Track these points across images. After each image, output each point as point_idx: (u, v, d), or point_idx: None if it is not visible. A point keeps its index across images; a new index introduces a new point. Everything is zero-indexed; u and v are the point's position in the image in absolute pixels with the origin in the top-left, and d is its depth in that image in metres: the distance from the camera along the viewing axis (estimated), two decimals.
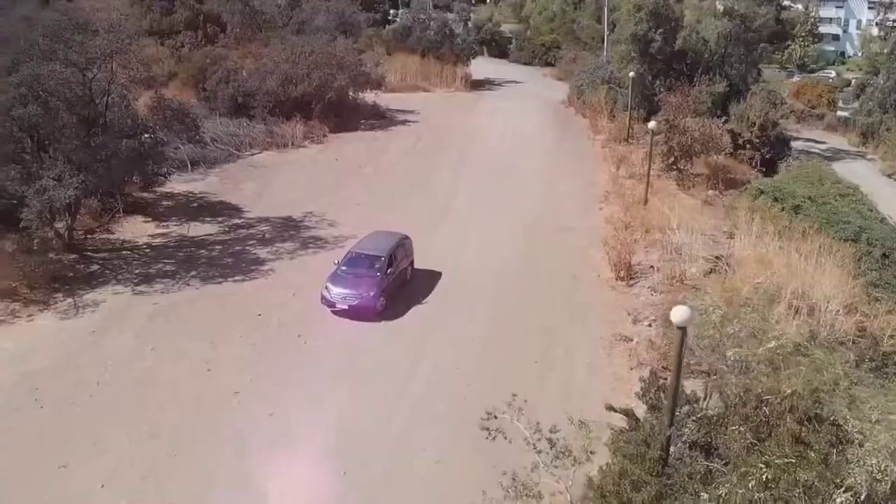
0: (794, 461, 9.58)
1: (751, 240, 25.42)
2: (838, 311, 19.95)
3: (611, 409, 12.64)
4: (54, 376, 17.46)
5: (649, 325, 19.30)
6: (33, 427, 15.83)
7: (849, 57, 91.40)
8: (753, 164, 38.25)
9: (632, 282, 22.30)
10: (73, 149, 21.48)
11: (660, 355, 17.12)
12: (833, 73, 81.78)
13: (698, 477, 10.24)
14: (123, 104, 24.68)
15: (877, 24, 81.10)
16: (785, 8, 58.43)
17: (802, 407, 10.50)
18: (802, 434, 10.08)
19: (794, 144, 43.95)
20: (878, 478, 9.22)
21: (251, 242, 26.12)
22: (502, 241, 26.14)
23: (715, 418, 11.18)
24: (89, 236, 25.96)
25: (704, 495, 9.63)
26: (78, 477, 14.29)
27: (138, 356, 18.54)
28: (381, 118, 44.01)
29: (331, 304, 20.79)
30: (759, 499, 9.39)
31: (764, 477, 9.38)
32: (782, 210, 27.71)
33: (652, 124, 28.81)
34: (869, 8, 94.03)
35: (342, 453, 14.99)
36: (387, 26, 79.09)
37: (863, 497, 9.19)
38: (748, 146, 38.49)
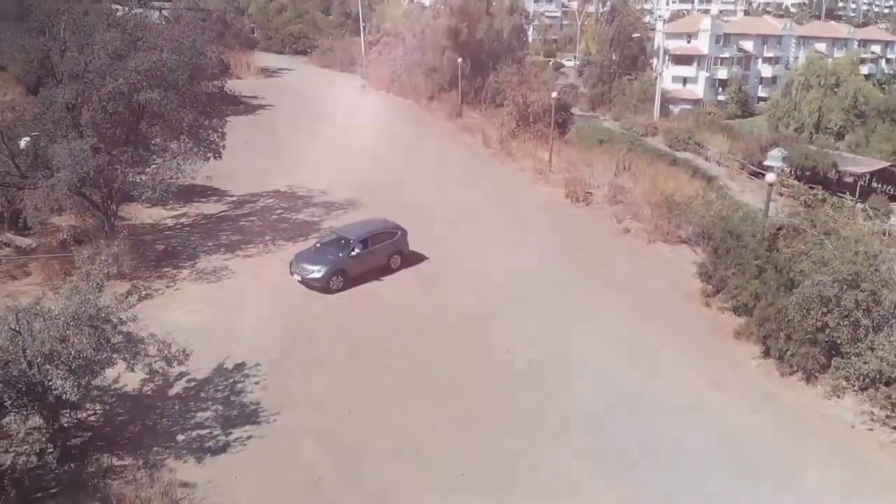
0: None
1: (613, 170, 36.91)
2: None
3: None
4: (306, 310, 20.96)
5: (631, 220, 28.97)
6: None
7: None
8: (554, 126, 50.66)
9: (586, 203, 31.69)
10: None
11: (660, 233, 26.99)
12: None
13: None
14: None
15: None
16: None
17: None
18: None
19: None
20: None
21: (279, 212, 29.29)
22: (469, 186, 33.23)
23: None
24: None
25: None
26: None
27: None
28: (238, 104, 46.17)
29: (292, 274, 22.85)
30: None
31: None
32: (621, 151, 39.97)
33: (554, 94, 38.68)
34: (535, 1, 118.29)
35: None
36: None
37: None
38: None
